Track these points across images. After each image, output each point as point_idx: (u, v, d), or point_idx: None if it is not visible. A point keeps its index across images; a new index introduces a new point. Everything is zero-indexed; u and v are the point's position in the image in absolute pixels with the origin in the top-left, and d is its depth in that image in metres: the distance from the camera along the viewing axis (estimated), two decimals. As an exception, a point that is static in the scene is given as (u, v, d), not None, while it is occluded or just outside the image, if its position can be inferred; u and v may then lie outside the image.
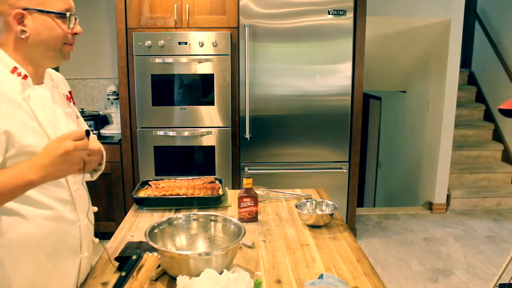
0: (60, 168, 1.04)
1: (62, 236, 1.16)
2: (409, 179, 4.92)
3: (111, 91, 3.65)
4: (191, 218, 1.47)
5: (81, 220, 1.23)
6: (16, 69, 1.09)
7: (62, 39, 1.12)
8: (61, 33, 1.12)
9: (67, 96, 1.31)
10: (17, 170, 1.01)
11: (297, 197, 2.03)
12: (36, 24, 1.08)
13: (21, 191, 1.02)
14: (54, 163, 1.02)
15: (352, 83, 3.24)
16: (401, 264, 3.25)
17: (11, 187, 0.99)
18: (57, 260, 1.16)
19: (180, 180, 2.05)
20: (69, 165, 1.05)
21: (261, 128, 3.24)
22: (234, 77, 3.23)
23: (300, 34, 3.12)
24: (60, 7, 1.10)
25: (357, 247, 1.52)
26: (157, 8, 3.14)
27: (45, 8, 1.08)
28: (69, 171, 1.07)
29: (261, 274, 1.30)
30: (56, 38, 1.11)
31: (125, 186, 3.40)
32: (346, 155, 3.32)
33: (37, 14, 1.07)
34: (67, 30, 1.13)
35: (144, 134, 3.25)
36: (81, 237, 1.23)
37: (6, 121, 1.03)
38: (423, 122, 4.53)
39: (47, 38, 1.10)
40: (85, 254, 1.25)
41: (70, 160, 1.04)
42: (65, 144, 1.02)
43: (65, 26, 1.12)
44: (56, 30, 1.11)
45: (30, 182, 1.01)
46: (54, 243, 1.14)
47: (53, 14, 1.09)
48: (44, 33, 1.09)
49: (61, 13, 1.10)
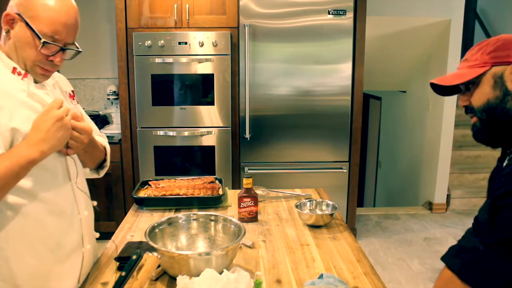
0: (58, 137, 1.07)
1: (64, 230, 1.18)
2: (409, 179, 4.92)
3: (111, 91, 3.65)
4: (191, 218, 1.47)
5: (81, 213, 1.25)
6: (16, 69, 1.11)
7: (33, 59, 1.10)
8: (34, 53, 1.09)
9: (70, 94, 1.33)
10: (16, 152, 1.03)
11: (297, 197, 2.03)
12: (19, 33, 1.08)
13: (24, 172, 1.04)
14: (50, 134, 1.06)
15: (352, 83, 3.23)
16: (401, 264, 3.25)
17: (15, 169, 1.01)
18: (59, 254, 1.17)
19: (180, 180, 2.05)
20: (65, 131, 1.09)
21: (261, 128, 3.24)
22: (234, 77, 3.23)
23: (300, 34, 3.12)
24: (46, 30, 1.06)
25: (357, 247, 1.52)
26: (157, 8, 3.14)
27: (32, 23, 1.06)
28: (66, 137, 1.10)
29: (261, 274, 1.30)
30: (28, 56, 1.09)
31: (125, 186, 3.40)
32: (346, 155, 3.32)
33: (23, 25, 1.07)
34: (40, 54, 1.09)
35: (144, 134, 3.25)
36: (82, 230, 1.25)
37: (13, 118, 1.05)
38: (423, 122, 4.53)
39: (21, 50, 1.10)
40: (87, 247, 1.28)
41: (64, 126, 1.08)
42: (54, 113, 1.07)
43: (43, 49, 1.08)
44: (31, 49, 1.08)
45: (32, 160, 1.04)
46: (56, 238, 1.16)
47: (33, 33, 1.07)
48: (20, 44, 1.09)
49: (38, 35, 1.06)
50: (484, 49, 1.00)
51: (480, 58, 1.00)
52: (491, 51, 0.98)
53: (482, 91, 1.00)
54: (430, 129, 4.41)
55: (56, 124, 1.06)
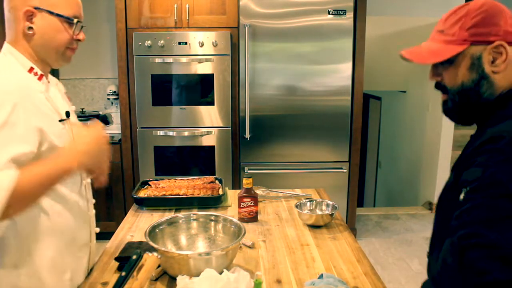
0: (99, 156, 1.12)
1: (79, 226, 1.24)
2: (409, 179, 4.92)
3: (111, 91, 3.65)
4: (191, 218, 1.47)
5: (90, 210, 1.32)
6: (33, 69, 1.14)
7: (66, 42, 1.16)
8: (66, 36, 1.16)
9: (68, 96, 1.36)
10: (56, 159, 1.06)
11: (297, 197, 2.03)
12: (43, 24, 1.12)
13: (60, 180, 1.07)
14: (94, 151, 1.10)
15: (352, 83, 3.23)
16: (401, 264, 3.25)
17: (51, 176, 1.03)
18: (73, 248, 1.23)
19: (180, 180, 2.05)
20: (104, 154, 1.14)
21: (261, 128, 3.24)
22: (234, 77, 3.23)
23: (300, 34, 3.12)
24: (69, 12, 1.15)
25: (357, 247, 1.52)
26: (157, 8, 3.14)
27: (55, 10, 1.12)
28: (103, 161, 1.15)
29: (261, 274, 1.30)
30: (60, 41, 1.15)
31: (125, 186, 3.40)
32: (346, 155, 3.32)
33: (46, 15, 1.11)
34: (72, 35, 1.17)
35: (144, 134, 3.25)
36: (90, 226, 1.32)
37: (38, 118, 1.07)
38: (423, 122, 4.53)
39: (52, 39, 1.14)
40: (94, 242, 1.35)
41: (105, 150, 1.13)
42: (102, 133, 1.12)
43: (70, 31, 1.16)
44: (62, 33, 1.15)
45: (70, 170, 1.06)
46: (71, 233, 1.21)
47: (61, 18, 1.13)
48: (50, 34, 1.13)
49: (69, 18, 1.15)
50: (463, 22, 0.91)
51: (458, 34, 0.91)
52: (471, 27, 0.90)
53: (456, 72, 0.93)
54: (430, 129, 4.40)
55: (101, 144, 1.12)
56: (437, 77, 0.99)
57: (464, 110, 0.96)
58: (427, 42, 0.99)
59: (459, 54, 0.92)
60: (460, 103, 0.95)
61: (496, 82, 0.91)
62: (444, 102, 0.99)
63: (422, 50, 0.98)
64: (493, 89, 0.91)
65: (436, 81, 1.00)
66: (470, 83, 0.92)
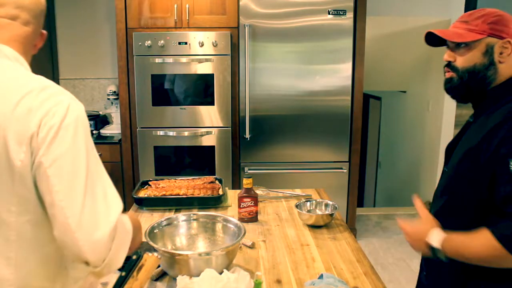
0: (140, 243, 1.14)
1: None
2: (409, 179, 4.92)
3: (111, 91, 3.65)
4: (191, 218, 1.47)
5: None
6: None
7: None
8: None
9: None
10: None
11: (297, 197, 2.03)
12: None
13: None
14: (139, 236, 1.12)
15: (352, 83, 3.23)
16: (401, 264, 3.25)
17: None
18: None
19: (180, 180, 2.05)
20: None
21: (261, 128, 3.24)
22: (234, 77, 3.23)
23: (300, 34, 3.12)
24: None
25: (357, 247, 1.52)
26: (157, 8, 3.14)
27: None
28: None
29: (261, 274, 1.30)
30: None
31: (125, 186, 3.40)
32: (346, 155, 3.32)
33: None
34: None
35: (144, 134, 3.25)
36: None
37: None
38: (423, 122, 4.53)
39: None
40: None
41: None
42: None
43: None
44: None
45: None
46: None
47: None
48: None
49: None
50: (485, 19, 1.12)
51: (480, 25, 1.12)
52: (491, 23, 1.12)
53: (472, 55, 1.14)
54: (430, 129, 4.40)
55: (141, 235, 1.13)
56: (451, 58, 1.18)
57: (468, 88, 1.17)
58: (452, 28, 1.19)
59: (477, 41, 1.13)
60: (467, 81, 1.16)
61: (500, 70, 1.13)
62: (448, 80, 1.20)
63: (447, 31, 1.18)
64: (497, 75, 1.14)
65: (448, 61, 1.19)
66: (481, 66, 1.13)
